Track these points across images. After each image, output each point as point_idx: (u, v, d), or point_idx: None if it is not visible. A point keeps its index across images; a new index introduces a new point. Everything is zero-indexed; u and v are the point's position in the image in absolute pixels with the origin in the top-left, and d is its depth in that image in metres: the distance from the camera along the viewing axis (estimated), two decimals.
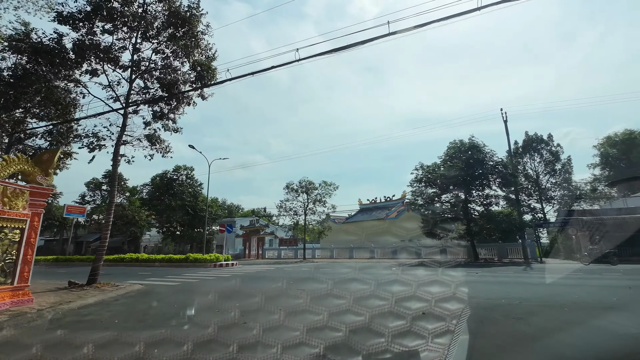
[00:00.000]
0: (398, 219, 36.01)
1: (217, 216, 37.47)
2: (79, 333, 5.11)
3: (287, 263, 26.75)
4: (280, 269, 18.88)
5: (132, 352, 3.62)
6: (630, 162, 34.01)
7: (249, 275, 14.91)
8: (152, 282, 12.36)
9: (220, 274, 15.63)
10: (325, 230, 32.10)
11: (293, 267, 20.73)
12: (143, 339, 3.89)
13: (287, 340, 3.65)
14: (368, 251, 32.10)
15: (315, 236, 42.34)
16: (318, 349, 3.53)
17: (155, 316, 6.51)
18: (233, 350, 3.54)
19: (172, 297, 8.82)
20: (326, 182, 31.25)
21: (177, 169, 35.37)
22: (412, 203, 26.87)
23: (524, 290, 8.82)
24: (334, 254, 34.03)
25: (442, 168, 25.36)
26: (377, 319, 4.02)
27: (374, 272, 13.04)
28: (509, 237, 25.72)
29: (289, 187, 31.63)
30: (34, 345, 4.10)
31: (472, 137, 25.75)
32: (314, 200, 31.48)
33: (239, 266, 21.69)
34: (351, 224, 42.03)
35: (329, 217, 36.53)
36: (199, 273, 16.08)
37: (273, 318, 4.60)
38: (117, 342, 4.14)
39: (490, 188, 24.91)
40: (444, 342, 3.50)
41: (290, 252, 37.76)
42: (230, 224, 24.54)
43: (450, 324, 3.83)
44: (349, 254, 33.02)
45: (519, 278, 12.45)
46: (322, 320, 4.02)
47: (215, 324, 4.44)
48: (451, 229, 25.05)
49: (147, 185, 35.34)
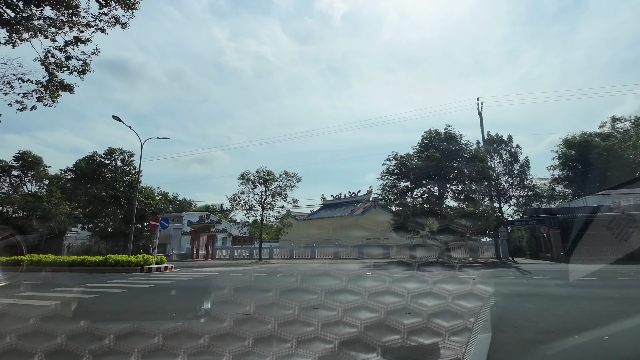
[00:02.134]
0: (364, 216, 33.48)
1: (159, 210, 32.13)
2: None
3: (238, 265, 22.76)
4: (226, 274, 15.01)
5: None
6: (587, 163, 34.72)
7: (179, 286, 10.98)
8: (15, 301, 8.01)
9: (142, 282, 11.48)
10: (285, 227, 28.49)
11: (243, 270, 16.93)
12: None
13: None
14: (332, 250, 29.11)
15: (273, 234, 38.56)
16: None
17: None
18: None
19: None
20: (288, 173, 27.65)
21: (110, 152, 29.42)
22: (383, 197, 24.25)
23: (583, 314, 5.94)
24: (294, 253, 30.58)
25: (416, 160, 23.04)
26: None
27: (342, 277, 9.84)
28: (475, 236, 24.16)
29: (245, 177, 27.55)
30: None
31: (449, 127, 23.83)
32: (273, 193, 27.72)
33: (175, 270, 17.39)
34: (314, 221, 38.85)
35: (289, 214, 32.97)
36: (112, 282, 11.80)
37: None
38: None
39: (465, 182, 23.07)
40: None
41: (246, 251, 33.62)
42: (166, 218, 20.00)
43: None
44: (310, 254, 29.77)
45: (538, 287, 9.94)
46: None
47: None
48: (423, 226, 22.78)
49: (69, 171, 28.99)
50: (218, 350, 3.30)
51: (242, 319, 4.16)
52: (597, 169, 32.85)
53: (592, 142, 35.46)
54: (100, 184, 28.69)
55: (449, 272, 13.39)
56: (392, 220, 24.33)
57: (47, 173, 32.07)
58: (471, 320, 3.70)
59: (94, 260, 17.56)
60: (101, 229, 31.56)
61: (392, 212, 25.22)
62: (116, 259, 17.21)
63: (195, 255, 35.64)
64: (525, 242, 30.42)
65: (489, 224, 20.82)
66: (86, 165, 28.46)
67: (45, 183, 32.07)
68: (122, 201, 28.01)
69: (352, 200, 37.71)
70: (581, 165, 34.98)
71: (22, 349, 3.37)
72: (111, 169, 29.16)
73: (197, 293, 8.88)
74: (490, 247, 25.14)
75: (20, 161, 31.99)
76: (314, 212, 41.80)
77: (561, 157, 37.86)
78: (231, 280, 12.32)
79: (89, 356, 3.21)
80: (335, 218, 35.82)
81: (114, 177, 28.79)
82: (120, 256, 17.67)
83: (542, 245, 26.34)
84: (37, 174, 32.17)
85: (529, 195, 31.86)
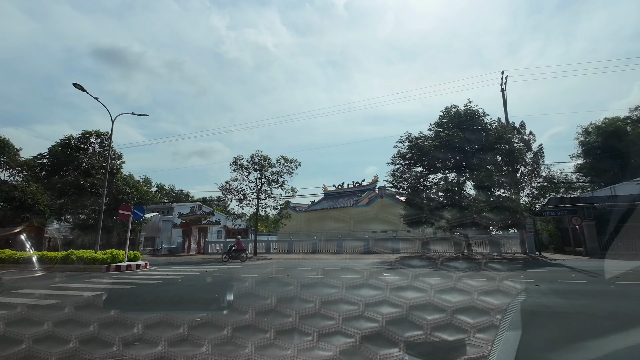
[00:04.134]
0: (370, 207, 30.63)
1: (145, 201, 29.16)
2: None
3: (228, 261, 19.92)
4: (209, 274, 12.15)
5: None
6: (613, 150, 31.70)
7: (133, 294, 8.14)
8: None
9: (89, 288, 8.65)
10: (282, 218, 25.61)
11: (230, 270, 14.07)
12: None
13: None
14: (335, 244, 26.30)
15: (271, 226, 35.76)
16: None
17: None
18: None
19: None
20: (285, 158, 24.64)
21: (86, 135, 26.33)
22: (394, 185, 21.28)
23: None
24: (293, 247, 27.79)
25: (432, 141, 20.01)
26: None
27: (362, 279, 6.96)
28: (503, 228, 21.31)
29: (238, 163, 24.56)
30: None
31: (470, 103, 20.77)
32: (269, 180, 24.78)
33: (150, 269, 14.56)
34: (314, 213, 36.01)
35: (288, 204, 30.08)
36: (53, 286, 8.98)
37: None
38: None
39: (489, 168, 20.11)
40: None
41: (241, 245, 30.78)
42: (140, 207, 17.09)
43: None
44: (311, 248, 26.98)
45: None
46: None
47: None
48: (441, 218, 19.86)
49: (43, 156, 26.01)
50: (240, 342, 3.31)
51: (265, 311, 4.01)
52: (627, 155, 29.87)
53: (620, 128, 32.28)
54: (76, 170, 25.73)
55: (489, 273, 10.55)
56: (404, 211, 21.46)
57: (18, 159, 28.98)
58: (498, 317, 3.58)
59: (54, 256, 14.72)
60: (81, 220, 28.68)
61: (404, 201, 22.31)
62: (80, 255, 14.38)
63: (187, 249, 32.87)
64: (548, 234, 27.61)
65: (519, 215, 17.92)
66: (61, 151, 25.45)
67: (19, 170, 29.05)
68: (100, 190, 25.09)
69: (356, 190, 34.81)
70: (607, 152, 31.92)
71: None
72: (88, 154, 26.13)
73: (144, 305, 6.03)
74: (514, 241, 22.32)
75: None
76: (315, 203, 38.95)
77: (584, 144, 34.88)
78: (219, 286, 9.49)
79: (119, 344, 3.24)
80: (337, 209, 32.97)
81: (91, 162, 25.77)
82: (85, 252, 14.82)
83: (571, 238, 23.53)
84: (10, 160, 29.13)
85: (549, 184, 29.00)
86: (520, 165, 20.71)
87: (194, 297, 7.29)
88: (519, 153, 19.49)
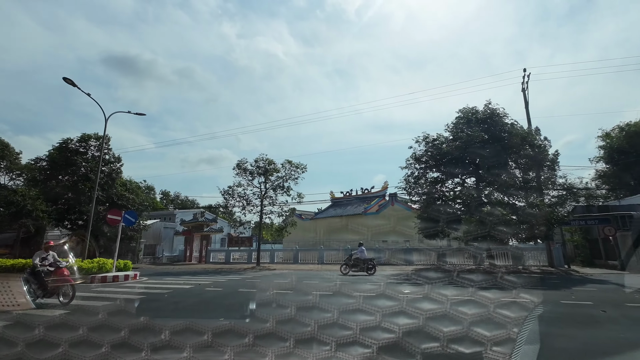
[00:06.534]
0: (380, 214, 29.01)
1: (144, 207, 27.98)
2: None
3: (230, 272, 18.49)
4: (200, 287, 10.72)
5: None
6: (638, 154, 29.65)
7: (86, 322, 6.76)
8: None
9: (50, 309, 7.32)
10: (288, 226, 24.16)
11: (228, 282, 12.61)
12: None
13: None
14: (343, 255, 24.66)
15: (276, 235, 34.32)
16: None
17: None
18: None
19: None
20: (291, 162, 23.32)
21: (85, 139, 25.45)
22: (408, 191, 19.74)
23: None
24: (299, 257, 26.24)
25: (451, 142, 18.48)
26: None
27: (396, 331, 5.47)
28: (529, 239, 19.52)
29: (241, 167, 23.31)
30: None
31: (489, 104, 19.28)
32: (274, 185, 23.44)
33: (140, 280, 13.20)
34: (321, 221, 34.46)
35: (294, 212, 28.64)
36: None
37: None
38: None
39: (511, 172, 18.49)
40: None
41: (244, 254, 29.39)
42: (132, 212, 15.84)
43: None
44: (318, 258, 25.40)
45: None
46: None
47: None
48: (458, 227, 18.19)
49: (41, 160, 25.18)
50: (262, 350, 3.37)
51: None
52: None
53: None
54: (74, 174, 24.76)
55: (529, 292, 8.90)
56: (418, 219, 19.87)
57: (19, 162, 28.25)
58: (515, 331, 3.52)
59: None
60: (80, 227, 27.60)
61: (418, 209, 20.70)
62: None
63: (189, 257, 31.56)
64: (574, 246, 25.57)
65: (547, 225, 16.18)
66: (58, 154, 24.59)
67: (18, 173, 28.25)
68: (99, 195, 24.02)
69: (365, 197, 33.24)
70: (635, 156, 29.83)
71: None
72: (87, 158, 25.19)
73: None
74: (537, 253, 20.47)
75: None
76: (322, 211, 37.42)
77: (606, 148, 32.83)
78: (189, 307, 8.05)
79: (147, 349, 3.30)
80: (345, 217, 31.39)
81: (90, 166, 24.79)
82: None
83: (602, 250, 21.57)
84: (9, 164, 28.39)
85: (567, 192, 27.03)
86: (542, 171, 19.05)
87: (168, 324, 5.86)
88: (543, 157, 17.84)
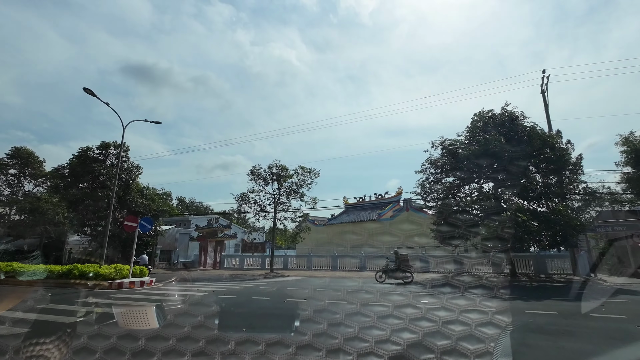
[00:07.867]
0: (394, 220, 28.55)
1: (161, 213, 28.51)
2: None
3: (244, 278, 18.48)
4: (210, 295, 10.67)
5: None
6: None
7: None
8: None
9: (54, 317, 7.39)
10: (301, 232, 24.05)
11: (241, 289, 12.54)
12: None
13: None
14: (358, 262, 24.35)
15: (289, 240, 34.26)
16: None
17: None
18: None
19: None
20: (304, 168, 23.29)
21: (104, 147, 26.22)
22: (423, 197, 19.33)
23: None
24: (312, 264, 26.04)
25: (465, 148, 18.02)
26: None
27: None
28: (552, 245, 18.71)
29: (255, 173, 23.43)
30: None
31: (507, 106, 18.74)
32: (287, 191, 23.43)
33: (154, 286, 13.30)
34: (335, 227, 34.20)
35: (307, 217, 28.53)
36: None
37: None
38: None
39: (532, 176, 17.85)
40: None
41: (258, 259, 29.41)
42: (148, 219, 16.02)
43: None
44: (332, 264, 25.14)
45: None
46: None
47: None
48: (477, 233, 17.61)
49: (63, 168, 26.06)
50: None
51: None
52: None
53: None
54: (93, 182, 25.46)
55: (564, 304, 8.42)
56: (434, 225, 19.40)
57: (43, 170, 29.36)
58: (492, 345, 3.77)
59: (57, 271, 13.79)
60: (99, 233, 28.29)
61: (435, 215, 20.22)
62: (83, 270, 13.36)
63: (203, 263, 31.83)
64: (599, 253, 24.40)
65: (573, 231, 15.46)
66: (78, 162, 25.36)
67: (41, 180, 29.33)
68: (116, 202, 24.60)
69: (379, 203, 32.83)
70: None
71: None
72: (106, 165, 25.89)
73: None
74: (560, 261, 19.60)
75: (16, 158, 29.42)
76: (335, 217, 37.19)
77: (628, 152, 31.36)
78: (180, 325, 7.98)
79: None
80: (359, 223, 31.05)
81: (109, 174, 25.43)
82: (88, 266, 13.80)
83: (630, 258, 20.48)
84: (34, 171, 29.51)
85: (590, 197, 25.85)
86: (564, 176, 18.31)
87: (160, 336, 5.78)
88: (566, 161, 17.15)
